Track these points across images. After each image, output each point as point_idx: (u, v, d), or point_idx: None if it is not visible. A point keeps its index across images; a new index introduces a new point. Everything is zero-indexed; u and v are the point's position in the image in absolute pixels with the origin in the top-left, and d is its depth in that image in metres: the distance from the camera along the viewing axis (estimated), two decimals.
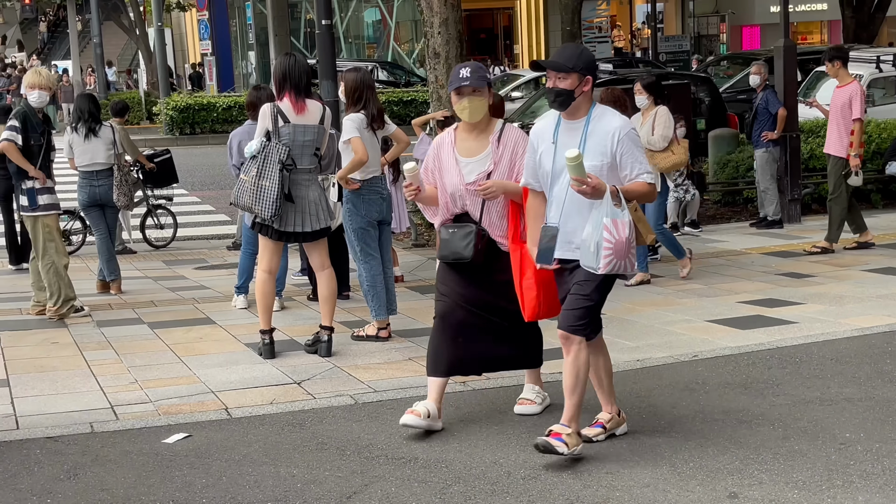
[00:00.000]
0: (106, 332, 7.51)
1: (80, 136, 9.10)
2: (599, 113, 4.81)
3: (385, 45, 34.68)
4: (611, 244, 4.58)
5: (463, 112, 5.24)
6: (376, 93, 7.20)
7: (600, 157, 4.71)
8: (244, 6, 32.64)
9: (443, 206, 5.37)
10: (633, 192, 4.74)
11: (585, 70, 4.76)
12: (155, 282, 9.62)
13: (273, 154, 6.36)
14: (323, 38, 12.36)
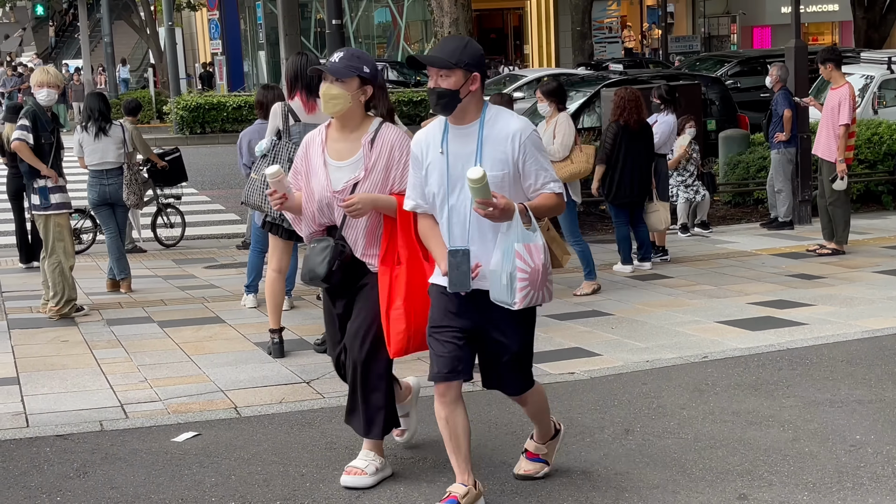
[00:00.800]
0: (116, 331, 7.52)
1: (90, 135, 9.12)
2: (494, 115, 4.10)
3: (395, 45, 34.69)
4: (526, 273, 3.93)
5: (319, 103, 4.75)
6: (387, 93, 7.16)
7: (500, 167, 4.03)
8: (254, 6, 32.70)
9: (309, 216, 4.57)
10: (541, 206, 4.08)
11: (472, 65, 4.03)
12: (165, 280, 9.64)
13: (283, 152, 6.38)
14: (333, 37, 12.38)
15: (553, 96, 8.66)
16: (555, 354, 6.72)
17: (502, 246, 3.96)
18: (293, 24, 13.22)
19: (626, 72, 16.63)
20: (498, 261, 3.97)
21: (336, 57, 4.46)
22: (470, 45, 4.11)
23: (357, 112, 4.50)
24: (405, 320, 4.31)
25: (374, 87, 4.52)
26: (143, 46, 37.82)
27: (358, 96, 4.46)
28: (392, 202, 4.43)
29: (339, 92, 4.41)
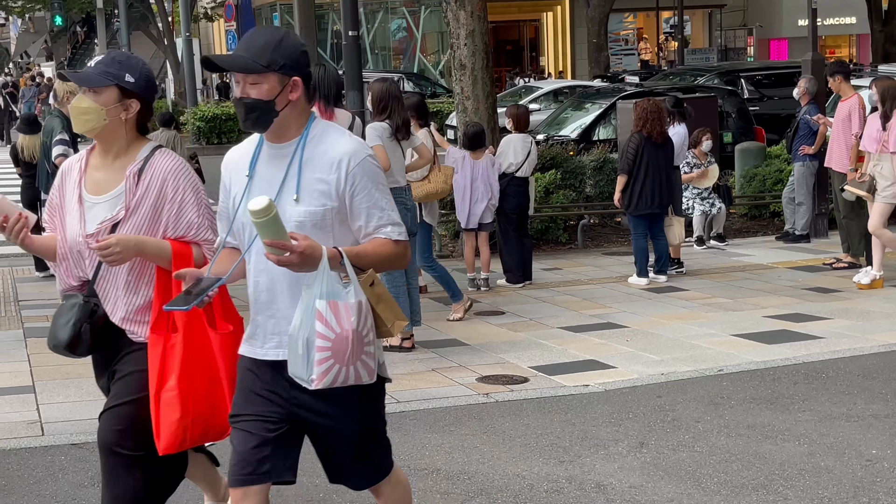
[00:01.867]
0: None
1: None
2: (320, 132, 3.14)
3: (411, 57, 34.78)
4: (327, 341, 2.93)
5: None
6: (403, 104, 7.18)
7: (320, 200, 3.07)
8: (271, 17, 32.86)
9: (62, 266, 3.62)
10: (369, 255, 3.08)
11: (289, 67, 3.06)
12: None
13: None
14: (350, 48, 12.40)
15: (413, 111, 7.88)
16: (569, 367, 6.71)
17: (304, 303, 2.97)
18: (310, 35, 13.27)
19: (641, 84, 16.61)
20: (297, 323, 2.98)
21: (93, 61, 3.55)
22: (286, 41, 3.10)
23: (118, 133, 3.50)
24: (180, 407, 3.39)
25: (141, 100, 3.49)
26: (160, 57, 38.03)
27: (117, 112, 3.46)
28: (164, 249, 3.48)
29: (90, 105, 3.45)
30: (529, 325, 7.93)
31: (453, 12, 11.22)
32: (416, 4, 34.95)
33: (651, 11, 36.00)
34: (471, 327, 7.89)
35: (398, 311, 3.16)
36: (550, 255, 11.06)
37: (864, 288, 8.82)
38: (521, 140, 9.31)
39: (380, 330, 3.10)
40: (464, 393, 6.15)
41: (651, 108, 9.26)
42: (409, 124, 7.16)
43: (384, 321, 3.09)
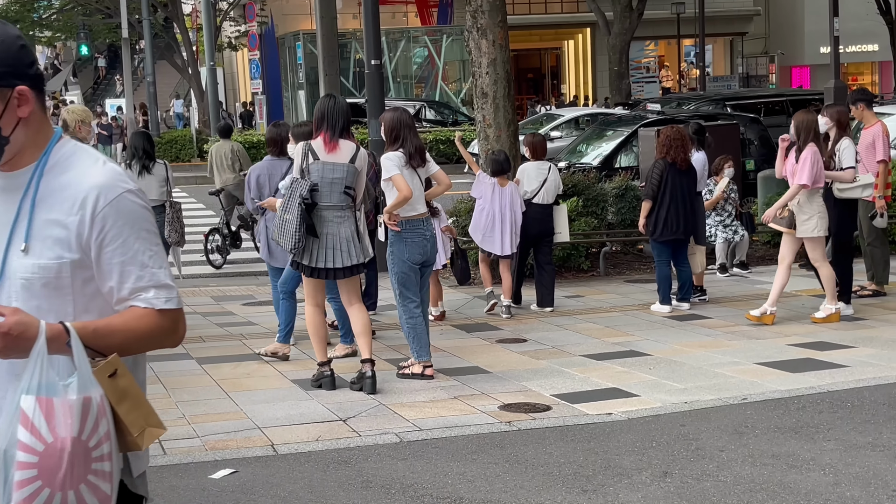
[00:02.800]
0: (155, 367, 7.58)
1: (133, 172, 9.21)
2: (64, 157, 2.29)
3: (433, 85, 34.94)
4: (33, 455, 2.07)
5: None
6: (416, 132, 7.20)
7: (55, 251, 2.23)
8: (295, 46, 33.10)
9: None
10: (119, 332, 2.24)
11: (9, 75, 2.20)
12: (204, 317, 9.71)
13: (297, 189, 6.54)
14: (372, 77, 12.50)
15: None
16: (592, 395, 6.69)
17: (10, 401, 2.14)
18: (333, 64, 13.37)
19: (663, 111, 16.62)
20: (2, 428, 2.13)
21: None
22: (7, 42, 2.21)
23: None
24: None
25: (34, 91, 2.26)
26: (184, 86, 38.36)
27: None
28: None
29: None
30: (552, 352, 7.92)
31: (475, 41, 11.29)
32: (437, 33, 35.15)
33: (672, 39, 36.07)
34: (493, 355, 7.88)
35: (151, 415, 2.28)
36: (572, 282, 11.05)
37: (821, 321, 8.59)
38: (535, 168, 9.41)
39: (123, 439, 2.20)
40: (486, 421, 6.14)
41: (675, 135, 9.28)
42: (422, 151, 7.15)
43: (129, 428, 2.19)
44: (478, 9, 11.21)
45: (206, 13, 26.19)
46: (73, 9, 34.63)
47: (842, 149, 8.81)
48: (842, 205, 8.93)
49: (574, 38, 39.20)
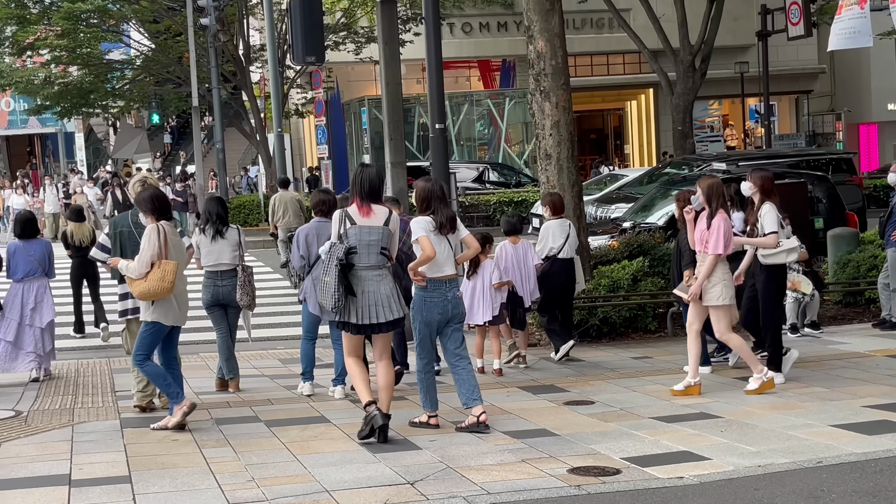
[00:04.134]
0: (224, 430, 7.64)
1: (207, 237, 9.23)
2: None
3: (496, 147, 35.14)
4: None
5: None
6: (447, 202, 7.65)
7: None
8: (360, 111, 33.58)
9: None
10: None
11: None
12: (272, 380, 9.78)
13: (334, 253, 7.09)
14: (436, 141, 12.63)
15: None
16: (663, 458, 6.58)
17: None
18: (397, 128, 13.52)
19: (728, 170, 16.51)
20: None
21: None
22: None
23: None
24: None
25: None
26: (252, 152, 39.09)
27: None
28: None
29: None
30: (620, 414, 7.83)
31: (538, 104, 11.37)
32: (500, 97, 35.43)
33: (736, 98, 35.92)
34: (560, 416, 7.81)
35: None
36: (640, 343, 10.95)
37: (679, 394, 8.36)
38: (557, 225, 9.95)
39: None
40: (555, 485, 6.07)
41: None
42: (453, 221, 7.54)
43: None
44: (541, 72, 11.32)
45: (273, 82, 26.73)
46: (145, 79, 35.58)
47: (763, 214, 8.61)
48: (768, 271, 8.72)
49: (637, 99, 39.22)
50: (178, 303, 7.78)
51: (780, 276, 8.79)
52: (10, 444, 7.36)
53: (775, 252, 8.54)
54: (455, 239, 7.54)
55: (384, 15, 13.22)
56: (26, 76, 32.61)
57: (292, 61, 19.99)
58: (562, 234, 9.89)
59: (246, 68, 32.28)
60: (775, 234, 8.48)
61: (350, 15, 31.06)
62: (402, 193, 13.56)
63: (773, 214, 8.54)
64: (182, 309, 7.88)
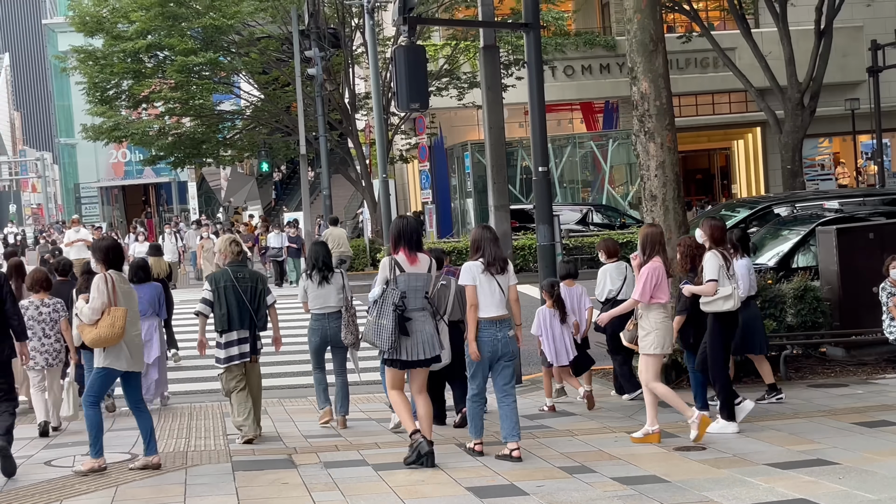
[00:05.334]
0: (333, 474, 7.70)
1: (314, 282, 9.66)
2: None
3: (600, 189, 34.96)
4: None
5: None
6: (498, 243, 8.10)
7: None
8: (463, 156, 33.83)
9: None
10: None
11: None
12: (378, 424, 9.83)
13: (388, 298, 7.75)
14: (540, 184, 12.63)
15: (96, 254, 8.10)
16: None
17: None
18: (500, 172, 13.57)
19: (841, 209, 16.10)
20: None
21: None
22: None
23: None
24: None
25: None
26: (358, 198, 39.68)
27: None
28: None
29: None
30: (733, 461, 7.64)
31: (643, 145, 11.29)
32: (603, 138, 35.28)
33: (847, 135, 35.07)
34: (670, 462, 7.66)
35: None
36: (752, 387, 10.67)
37: (638, 441, 8.32)
38: (615, 268, 10.36)
39: None
40: None
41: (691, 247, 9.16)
42: (502, 261, 8.02)
43: None
44: (645, 113, 11.24)
45: (378, 128, 27.16)
46: (255, 128, 36.52)
47: (705, 261, 8.67)
48: (713, 318, 8.73)
49: (744, 138, 38.58)
50: (129, 348, 7.92)
51: (724, 324, 8.73)
52: (127, 486, 7.54)
53: (712, 299, 8.61)
54: (505, 280, 7.95)
55: (486, 60, 13.34)
56: (142, 128, 33.78)
57: (397, 108, 20.29)
58: (619, 276, 10.24)
59: (352, 116, 32.88)
60: (713, 281, 8.55)
61: (453, 61, 31.41)
62: (506, 236, 13.57)
63: (713, 262, 8.58)
64: (134, 354, 8.00)
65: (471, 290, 7.86)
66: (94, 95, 32.99)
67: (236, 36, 32.68)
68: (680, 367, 10.52)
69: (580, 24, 36.63)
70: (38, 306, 9.87)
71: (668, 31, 24.84)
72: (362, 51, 32.39)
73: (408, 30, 13.30)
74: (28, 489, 7.52)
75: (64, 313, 9.93)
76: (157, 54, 32.71)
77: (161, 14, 30.50)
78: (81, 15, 32.47)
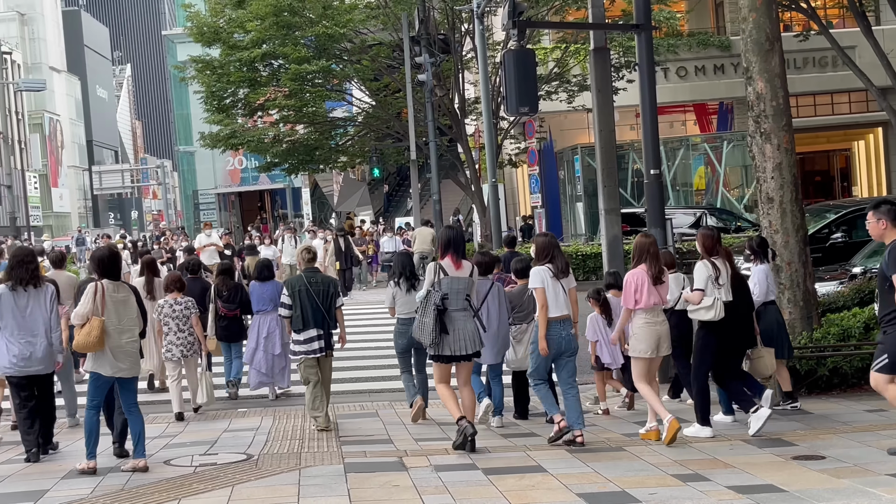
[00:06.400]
0: (443, 477, 7.72)
1: (401, 289, 10.38)
2: None
3: (714, 192, 34.31)
4: None
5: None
6: (562, 251, 8.94)
7: None
8: (573, 159, 33.63)
9: None
10: None
11: None
12: (487, 428, 9.83)
13: (431, 299, 8.63)
14: (651, 187, 12.47)
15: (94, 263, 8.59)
16: None
17: None
18: (611, 175, 13.46)
19: None
20: None
21: None
22: None
23: None
24: None
25: None
26: (467, 202, 39.81)
27: None
28: None
29: None
30: (854, 470, 7.40)
31: (759, 146, 11.04)
32: (717, 140, 34.63)
33: None
34: (788, 471, 7.46)
35: None
36: (874, 395, 10.32)
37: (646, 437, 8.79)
38: (674, 279, 9.85)
39: None
40: None
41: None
42: (567, 267, 8.83)
43: None
44: (761, 114, 10.99)
45: (488, 133, 27.15)
46: (366, 135, 36.97)
47: (695, 270, 9.03)
48: (699, 325, 9.06)
49: (864, 138, 37.41)
50: (114, 355, 8.25)
51: (708, 332, 8.96)
52: (242, 486, 7.70)
53: (696, 308, 8.94)
54: (567, 283, 8.80)
55: (597, 63, 13.24)
56: (257, 135, 34.52)
57: (506, 112, 20.28)
58: (677, 288, 9.85)
59: (461, 121, 33.00)
60: (699, 291, 8.87)
61: (563, 64, 31.24)
62: (617, 241, 13.44)
63: (701, 272, 8.89)
64: (123, 361, 8.30)
65: (541, 292, 8.63)
66: (212, 104, 33.86)
67: (348, 44, 33.12)
68: None
69: (693, 25, 36.04)
70: (173, 304, 11.11)
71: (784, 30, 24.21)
72: (472, 56, 32.49)
73: (517, 34, 13.31)
74: (148, 487, 7.75)
75: (195, 310, 11.21)
76: (272, 63, 33.37)
77: (275, 23, 31.12)
78: (199, 26, 33.37)
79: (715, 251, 9.00)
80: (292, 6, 31.11)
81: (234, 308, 12.33)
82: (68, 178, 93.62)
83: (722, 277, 8.86)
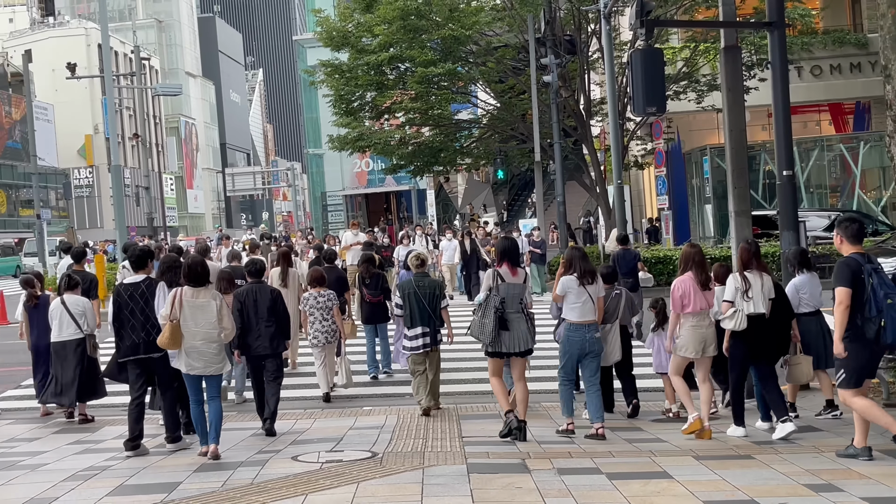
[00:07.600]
0: (566, 480, 7.67)
1: None
2: None
3: (850, 194, 33.22)
4: None
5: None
6: (587, 258, 9.64)
7: None
8: (701, 161, 33.01)
9: None
10: None
11: None
12: (612, 432, 9.73)
13: (491, 302, 9.40)
14: (784, 188, 12.15)
15: None
16: None
17: None
18: (741, 176, 13.15)
19: None
20: None
21: None
22: None
23: None
24: None
25: None
26: (592, 204, 39.50)
27: None
28: None
29: None
30: None
31: None
32: (854, 140, 33.51)
33: None
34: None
35: None
36: None
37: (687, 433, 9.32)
38: None
39: None
40: None
41: None
42: (593, 274, 9.60)
43: None
44: None
45: (614, 134, 26.86)
46: (491, 136, 37.05)
47: (727, 282, 9.40)
48: (729, 334, 9.35)
49: None
50: (187, 354, 9.04)
51: (737, 340, 9.30)
52: (367, 483, 7.81)
53: (723, 318, 9.33)
54: (594, 290, 9.55)
55: (728, 62, 12.96)
56: (384, 138, 34.98)
57: (633, 113, 20.04)
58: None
59: (587, 122, 32.76)
60: (727, 302, 9.26)
61: (692, 64, 30.71)
62: None
63: (730, 285, 9.31)
64: (195, 360, 9.06)
65: (558, 299, 9.61)
66: (340, 107, 34.46)
67: (474, 46, 33.27)
68: None
69: (828, 22, 34.96)
70: (317, 297, 12.38)
71: None
72: (598, 56, 32.23)
73: (645, 33, 13.13)
74: (276, 482, 7.92)
75: (335, 301, 12.42)
76: (399, 66, 33.77)
77: (402, 27, 31.48)
78: (329, 30, 34.01)
79: (750, 264, 9.36)
80: (419, 10, 31.43)
81: (378, 294, 13.69)
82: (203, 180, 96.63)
83: (752, 291, 9.23)
